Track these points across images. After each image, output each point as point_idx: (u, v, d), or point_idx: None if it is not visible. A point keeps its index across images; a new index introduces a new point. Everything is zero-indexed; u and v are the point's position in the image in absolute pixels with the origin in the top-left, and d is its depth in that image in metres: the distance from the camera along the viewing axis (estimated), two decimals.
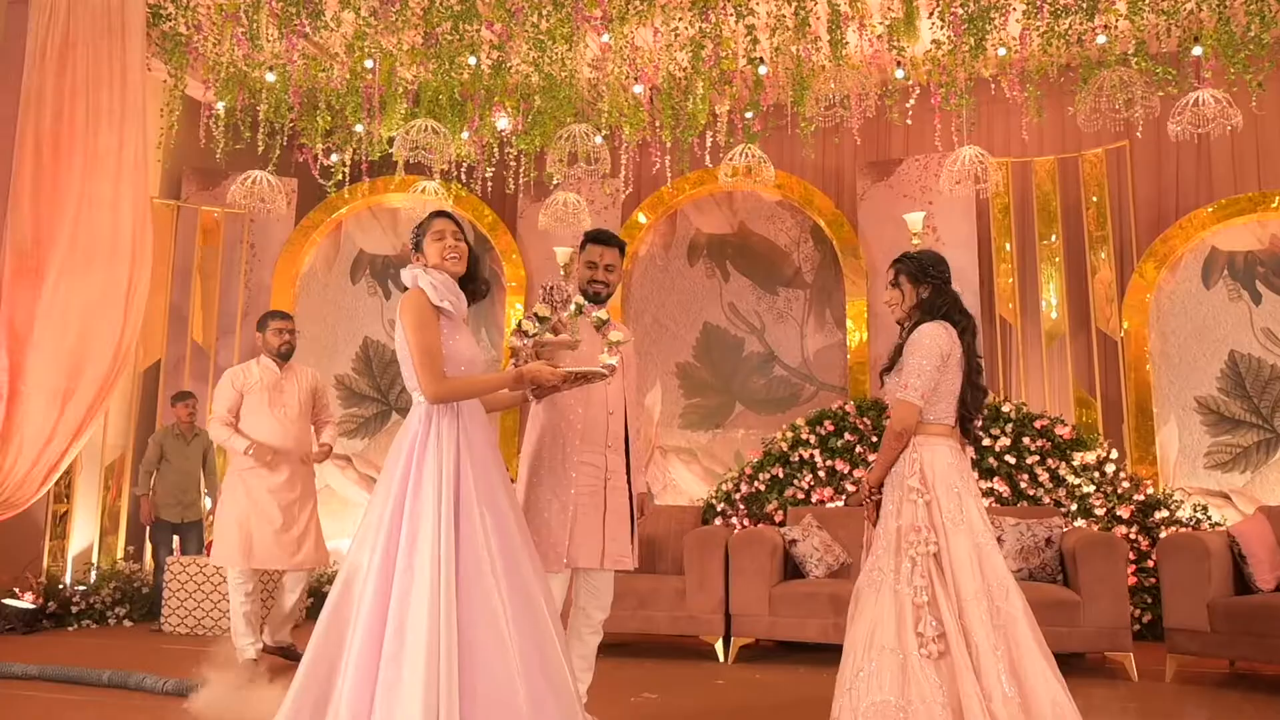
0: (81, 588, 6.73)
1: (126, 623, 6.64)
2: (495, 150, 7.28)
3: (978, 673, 2.69)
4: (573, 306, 3.26)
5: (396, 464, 2.73)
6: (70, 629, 6.40)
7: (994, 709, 2.66)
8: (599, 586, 3.50)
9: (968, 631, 2.74)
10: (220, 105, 7.02)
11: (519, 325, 3.20)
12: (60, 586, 6.65)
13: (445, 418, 2.75)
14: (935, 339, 3.00)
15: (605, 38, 6.36)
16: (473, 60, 6.55)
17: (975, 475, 6.01)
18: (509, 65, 6.56)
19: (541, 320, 3.19)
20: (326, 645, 2.62)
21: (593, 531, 3.34)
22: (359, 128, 7.15)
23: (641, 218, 7.81)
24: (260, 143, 7.08)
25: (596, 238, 3.54)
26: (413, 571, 2.57)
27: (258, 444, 4.82)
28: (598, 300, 3.49)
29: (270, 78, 6.85)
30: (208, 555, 6.39)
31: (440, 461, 2.68)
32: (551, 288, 3.20)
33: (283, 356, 5.07)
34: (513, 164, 7.26)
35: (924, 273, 3.11)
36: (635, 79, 6.71)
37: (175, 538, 6.84)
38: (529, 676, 2.57)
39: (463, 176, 7.63)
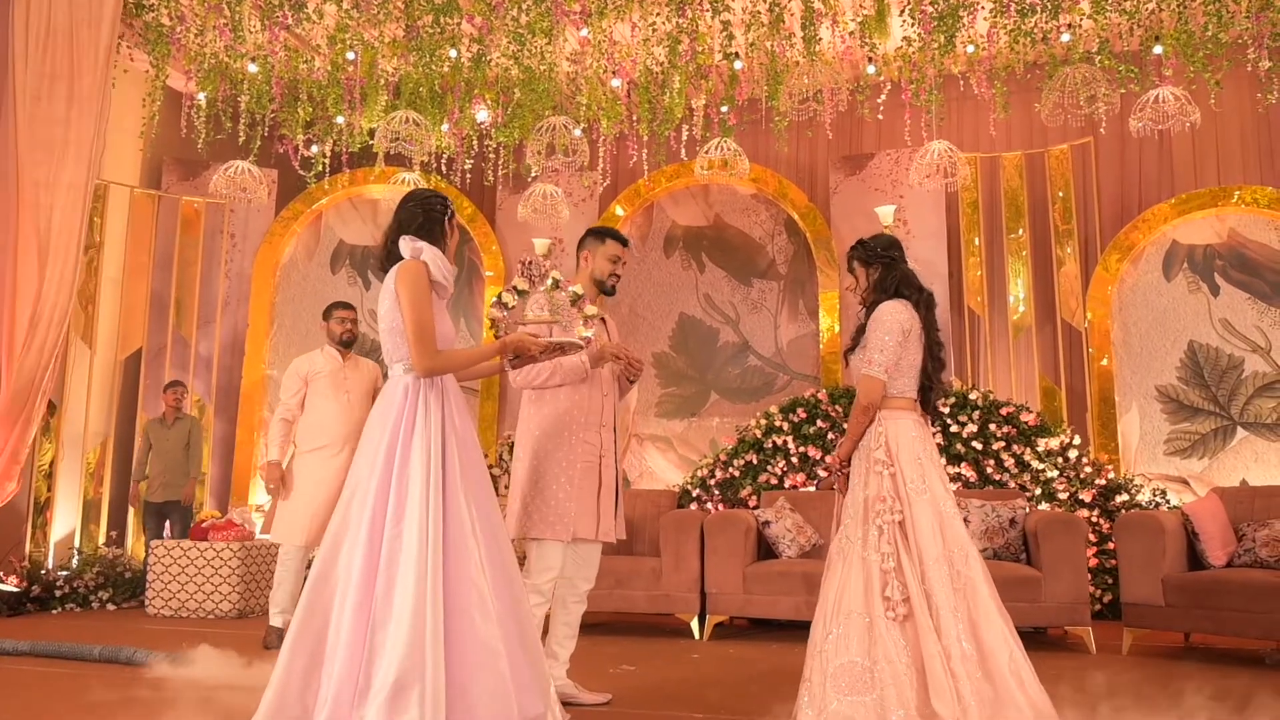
0: (64, 572, 6.78)
1: (110, 606, 6.70)
2: (474, 142, 7.39)
3: (938, 632, 2.84)
4: (549, 281, 3.39)
5: (382, 436, 2.80)
6: (54, 612, 6.46)
7: (953, 666, 2.80)
8: (587, 558, 3.66)
9: (930, 594, 2.89)
10: (202, 96, 7.09)
11: (499, 298, 3.33)
12: (43, 571, 6.70)
13: (431, 393, 2.85)
14: (895, 316, 3.16)
15: (584, 32, 6.49)
16: (453, 53, 6.66)
17: (939, 452, 6.22)
18: (489, 58, 6.67)
19: (521, 293, 3.33)
20: (314, 614, 2.71)
21: (589, 505, 3.52)
22: (340, 119, 7.23)
23: (619, 210, 7.94)
24: (241, 133, 7.14)
25: (620, 237, 3.80)
26: (400, 539, 2.67)
27: (268, 465, 5.14)
28: (611, 293, 3.76)
29: (252, 69, 6.92)
30: (193, 538, 6.47)
31: (429, 436, 2.78)
32: (530, 262, 3.34)
33: (345, 344, 5.31)
34: (492, 156, 7.37)
35: (873, 255, 3.30)
36: (613, 73, 6.83)
37: (167, 522, 6.95)
38: (508, 643, 2.70)
39: (442, 168, 7.73)
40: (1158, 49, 5.96)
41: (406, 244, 2.94)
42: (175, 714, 3.37)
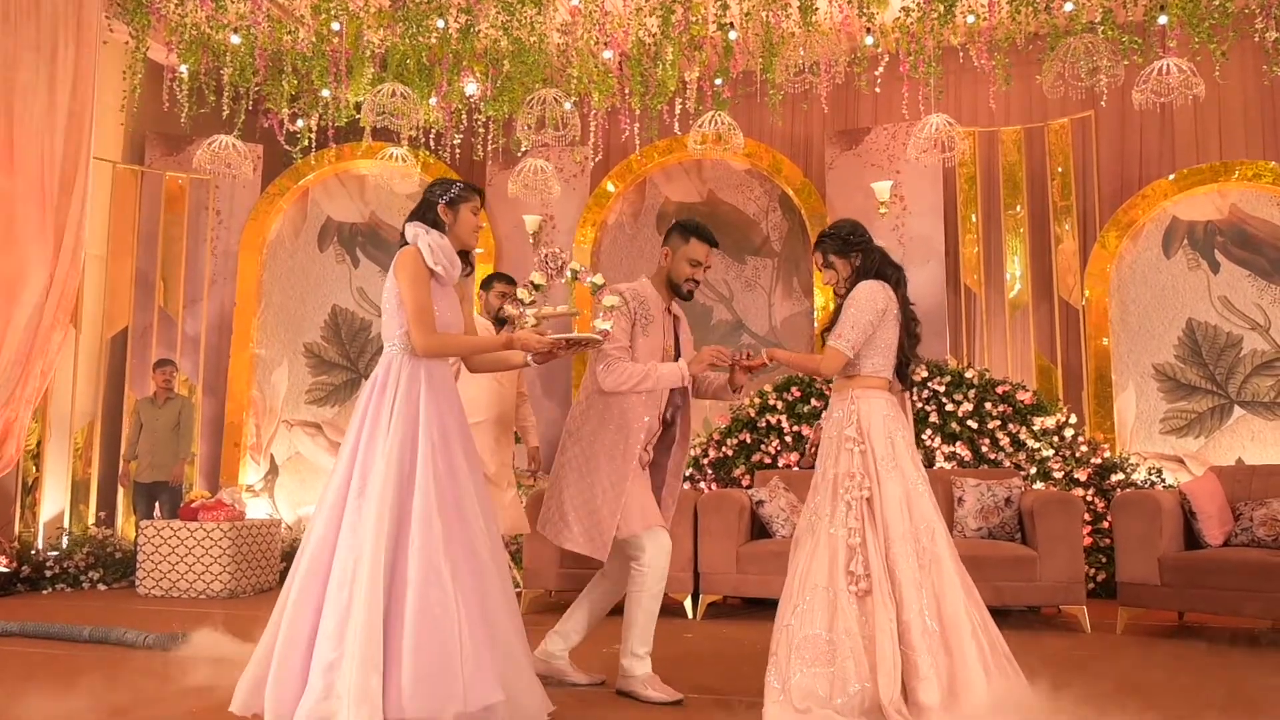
0: (54, 553, 6.73)
1: (100, 586, 6.66)
2: (463, 117, 7.25)
3: (900, 607, 2.87)
4: (568, 273, 3.28)
5: (356, 412, 2.84)
6: (45, 592, 6.42)
7: (914, 639, 2.83)
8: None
9: (893, 569, 2.92)
10: (184, 68, 6.94)
11: (515, 294, 3.25)
12: (33, 551, 6.64)
13: (406, 371, 2.83)
14: (872, 295, 3.14)
15: (575, 1, 6.35)
16: (441, 23, 6.51)
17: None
18: (477, 29, 6.53)
19: (537, 288, 3.22)
20: (315, 579, 2.69)
21: (649, 499, 3.44)
22: (325, 92, 7.09)
23: (610, 186, 7.82)
24: (225, 107, 7.00)
25: (708, 236, 3.50)
26: (359, 515, 2.65)
27: None
28: (688, 298, 3.55)
29: (235, 40, 6.77)
30: (182, 518, 6.40)
31: (392, 412, 2.76)
32: (547, 256, 3.25)
33: (499, 321, 4.83)
34: (481, 130, 7.24)
35: (848, 244, 3.26)
36: (605, 44, 6.70)
37: (156, 502, 6.89)
38: (471, 626, 2.62)
39: (431, 143, 7.60)
40: (1162, 19, 5.84)
41: (408, 229, 2.99)
42: (166, 693, 3.31)
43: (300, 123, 7.32)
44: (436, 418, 2.80)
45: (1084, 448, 6.15)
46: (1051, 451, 6.08)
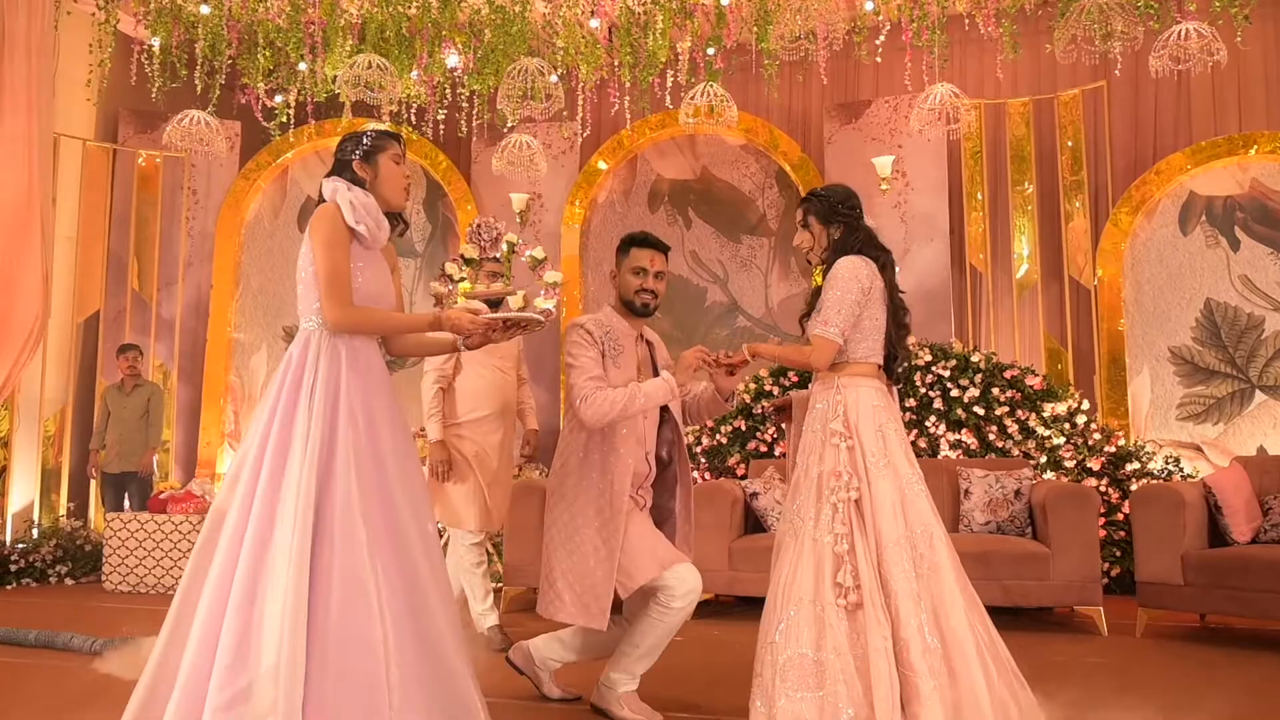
0: (21, 545, 6.47)
1: (68, 581, 6.41)
2: (446, 91, 6.92)
3: (896, 622, 2.54)
4: (504, 246, 2.97)
5: (267, 398, 2.44)
6: (9, 587, 6.18)
7: (913, 659, 2.50)
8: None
9: (886, 580, 2.59)
10: (154, 41, 6.61)
11: (443, 268, 2.91)
12: None
13: (325, 351, 2.43)
14: (855, 271, 2.78)
15: None
16: None
17: (940, 418, 5.83)
18: None
19: (469, 263, 2.90)
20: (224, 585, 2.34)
21: (657, 539, 3.11)
22: (302, 66, 6.76)
23: (601, 164, 7.50)
24: (199, 82, 6.68)
25: (644, 240, 3.16)
26: (272, 523, 2.27)
27: (434, 446, 4.33)
28: (645, 313, 3.17)
29: (205, 10, 6.45)
30: (150, 510, 6.14)
31: (311, 404, 2.37)
32: (479, 226, 2.90)
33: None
34: (465, 105, 6.91)
35: (833, 211, 2.89)
36: (592, 13, 6.37)
37: (125, 494, 6.63)
38: (400, 651, 2.28)
39: (413, 119, 7.27)
40: None
41: (326, 185, 2.57)
42: (107, 706, 3.03)
43: (278, 98, 7.00)
44: (362, 406, 2.41)
45: (1097, 435, 5.84)
46: (1063, 439, 5.78)
